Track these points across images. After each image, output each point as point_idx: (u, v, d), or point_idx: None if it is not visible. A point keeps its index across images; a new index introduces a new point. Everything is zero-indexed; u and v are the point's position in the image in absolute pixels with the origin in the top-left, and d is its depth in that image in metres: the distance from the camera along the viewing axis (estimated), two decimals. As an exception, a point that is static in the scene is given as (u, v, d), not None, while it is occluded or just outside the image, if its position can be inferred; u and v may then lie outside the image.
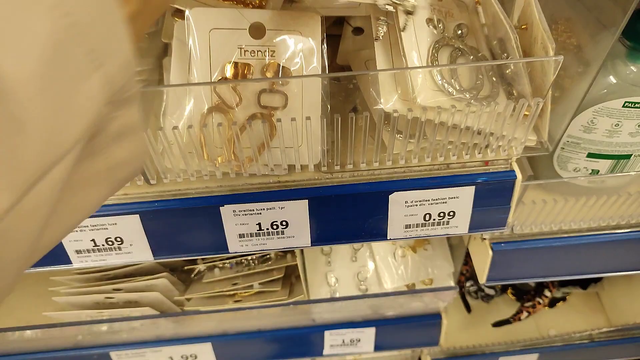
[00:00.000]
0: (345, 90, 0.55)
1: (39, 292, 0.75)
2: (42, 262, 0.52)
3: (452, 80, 0.46)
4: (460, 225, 0.53)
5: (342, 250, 0.79)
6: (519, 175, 0.50)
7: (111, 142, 0.23)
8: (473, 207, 0.52)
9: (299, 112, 0.46)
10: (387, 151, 0.48)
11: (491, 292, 1.00)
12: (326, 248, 0.80)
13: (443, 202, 0.51)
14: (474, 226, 0.54)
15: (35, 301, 0.76)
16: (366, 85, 0.53)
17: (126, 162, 0.24)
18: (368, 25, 0.62)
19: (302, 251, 0.77)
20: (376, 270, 0.76)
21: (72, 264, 0.52)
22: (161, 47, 0.56)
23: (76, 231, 0.50)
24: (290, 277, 0.78)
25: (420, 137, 0.47)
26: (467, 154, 0.50)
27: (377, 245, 0.77)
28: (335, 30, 0.62)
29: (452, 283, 0.80)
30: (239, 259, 0.76)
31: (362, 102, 0.53)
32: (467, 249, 0.70)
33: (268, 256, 0.76)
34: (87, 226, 0.49)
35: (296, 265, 0.74)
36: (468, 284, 0.98)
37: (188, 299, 0.73)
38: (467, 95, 0.46)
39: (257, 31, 0.45)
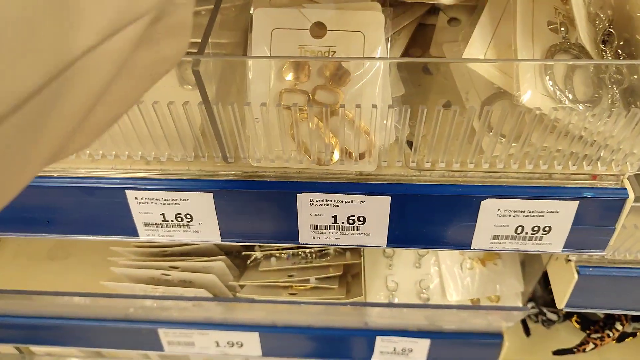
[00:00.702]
0: (439, 85, 0.51)
1: (97, 261, 0.75)
2: (109, 231, 0.51)
3: (566, 89, 0.41)
4: (554, 242, 0.48)
5: (405, 255, 0.75)
6: (631, 195, 0.45)
7: (165, 35, 0.23)
8: (573, 224, 0.47)
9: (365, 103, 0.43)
10: (485, 153, 0.44)
11: (553, 317, 0.93)
12: (389, 250, 0.76)
13: (540, 215, 0.46)
14: (570, 245, 0.48)
15: (92, 269, 0.76)
16: (461, 78, 0.49)
17: (169, 59, 0.24)
18: (465, 15, 0.57)
19: (363, 249, 0.73)
20: (440, 279, 0.71)
21: (138, 236, 0.51)
22: (248, 20, 0.54)
23: (147, 203, 0.48)
24: (347, 276, 0.75)
25: (527, 141, 0.42)
26: (574, 165, 0.44)
27: (443, 254, 0.73)
28: (430, 19, 0.58)
29: (519, 303, 0.74)
30: (296, 250, 0.73)
31: (456, 97, 0.49)
32: (546, 268, 0.64)
33: (326, 251, 0.73)
34: (159, 199, 0.48)
35: (353, 264, 0.71)
36: (529, 305, 0.92)
37: (242, 286, 0.71)
38: (581, 107, 0.41)
39: (318, 31, 0.43)
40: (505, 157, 0.44)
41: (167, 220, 0.49)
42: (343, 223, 0.48)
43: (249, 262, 0.75)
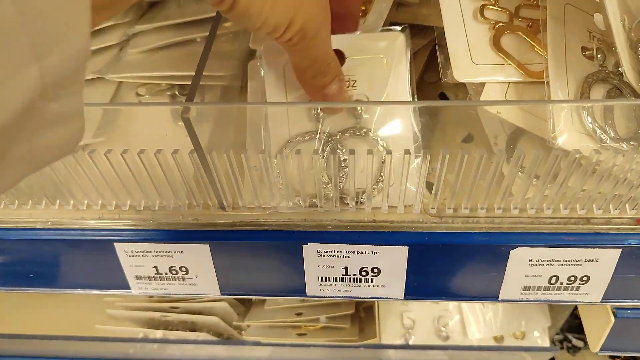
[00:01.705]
0: (460, 114, 0.46)
1: (94, 300, 0.71)
2: (98, 285, 0.47)
3: (606, 125, 0.36)
4: (592, 292, 0.43)
5: (421, 288, 0.70)
6: (681, 241, 0.39)
7: (40, 129, 0.21)
8: (614, 274, 0.41)
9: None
10: (515, 197, 0.39)
11: (579, 343, 0.88)
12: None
13: (577, 265, 0.41)
14: (610, 296, 0.43)
15: (90, 305, 0.72)
16: (484, 112, 0.44)
17: (53, 148, 0.23)
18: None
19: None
20: (461, 316, 0.66)
21: (130, 290, 0.46)
22: (246, 51, 0.49)
23: (137, 256, 0.44)
24: (359, 310, 0.70)
25: (563, 184, 0.37)
26: (616, 209, 0.39)
27: (463, 288, 0.67)
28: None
29: (546, 339, 0.69)
30: (305, 285, 0.68)
31: (481, 129, 0.44)
32: (576, 308, 0.59)
33: (337, 286, 0.68)
34: (151, 252, 0.43)
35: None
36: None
37: (247, 325, 0.67)
38: (625, 146, 0.35)
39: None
40: (539, 201, 0.39)
41: (161, 274, 0.45)
42: (355, 275, 0.43)
43: (254, 298, 0.70)
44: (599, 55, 0.38)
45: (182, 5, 0.54)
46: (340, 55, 0.40)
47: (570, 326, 0.80)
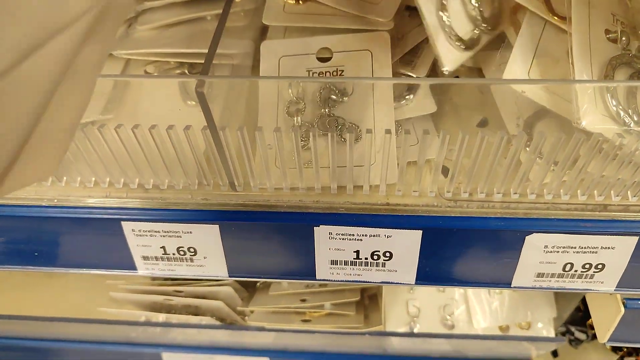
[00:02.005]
0: (475, 97, 0.45)
1: (97, 280, 0.70)
2: (103, 265, 0.46)
3: (629, 109, 0.35)
4: (606, 281, 0.42)
5: (427, 277, 0.69)
6: (700, 230, 0.39)
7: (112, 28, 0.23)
8: (630, 262, 0.41)
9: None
10: (532, 182, 0.38)
11: (582, 336, 0.87)
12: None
13: (593, 252, 0.40)
14: (624, 284, 0.43)
15: (92, 288, 0.71)
16: (501, 95, 0.43)
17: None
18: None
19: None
20: (467, 305, 0.66)
21: (137, 270, 0.45)
22: (259, 28, 0.48)
23: (145, 235, 0.43)
24: (364, 297, 0.70)
25: (583, 169, 0.36)
26: (634, 196, 0.39)
27: (470, 277, 0.67)
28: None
29: (552, 330, 0.68)
30: (310, 271, 0.68)
31: (495, 114, 0.43)
32: (585, 297, 0.59)
33: (342, 273, 0.67)
34: (159, 231, 0.42)
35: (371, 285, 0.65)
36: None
37: (251, 311, 0.66)
38: (652, 127, 0.35)
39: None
40: (556, 187, 0.38)
41: (168, 254, 0.44)
42: (367, 259, 0.42)
43: (258, 283, 0.69)
44: (623, 38, 0.38)
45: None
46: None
47: (573, 319, 0.80)
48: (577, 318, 0.79)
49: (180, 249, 0.43)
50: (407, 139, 0.35)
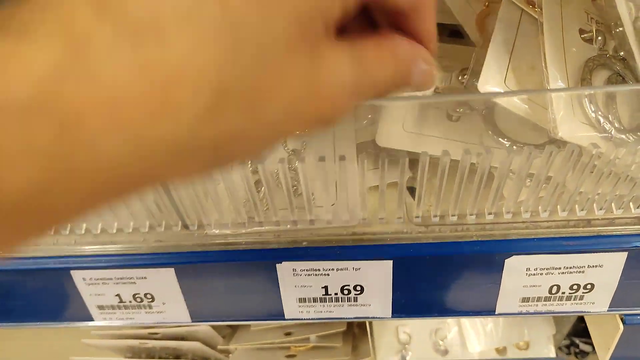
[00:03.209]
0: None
1: (67, 331, 0.67)
2: (58, 317, 0.43)
3: (609, 115, 0.33)
4: (598, 301, 0.39)
5: (416, 300, 0.66)
6: (694, 240, 0.35)
7: None
8: (621, 279, 0.38)
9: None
10: (507, 200, 0.35)
11: (587, 348, 0.84)
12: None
13: (579, 272, 0.37)
14: (618, 303, 0.39)
15: (62, 341, 0.68)
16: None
17: None
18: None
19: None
20: (459, 328, 0.62)
21: (94, 320, 0.42)
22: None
23: (97, 284, 0.40)
24: (353, 326, 0.66)
25: (560, 184, 0.33)
26: (619, 208, 0.35)
27: (461, 298, 0.63)
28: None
29: (552, 348, 0.65)
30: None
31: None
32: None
33: (327, 301, 0.64)
34: (111, 279, 0.39)
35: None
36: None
37: (235, 348, 0.62)
38: (632, 138, 0.32)
39: None
40: (533, 204, 0.35)
41: (125, 302, 0.41)
42: (337, 294, 0.39)
43: (240, 319, 0.66)
44: (599, 38, 0.35)
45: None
46: None
47: (577, 330, 0.76)
48: (581, 329, 0.75)
49: (136, 296, 0.40)
50: (366, 164, 0.32)
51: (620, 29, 0.34)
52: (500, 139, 0.35)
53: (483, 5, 0.45)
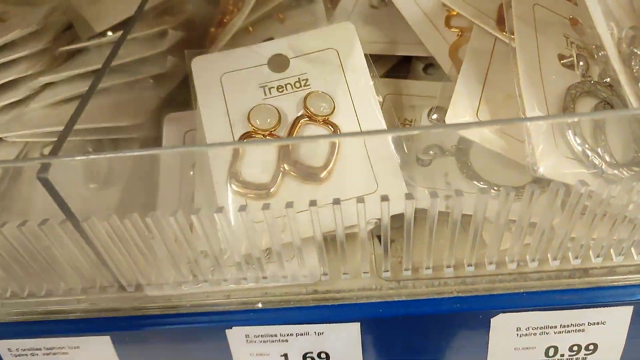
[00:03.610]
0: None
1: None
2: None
3: (599, 148, 0.28)
4: (604, 363, 0.33)
5: None
6: None
7: None
8: (628, 337, 0.32)
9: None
10: (489, 247, 0.30)
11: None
12: None
13: (579, 330, 0.32)
14: (628, 365, 0.34)
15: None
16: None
17: None
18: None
19: None
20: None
21: (23, 398, 0.37)
22: (162, 99, 0.43)
23: (25, 355, 0.35)
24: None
25: (548, 230, 0.28)
26: (620, 255, 0.31)
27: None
28: (402, 68, 0.47)
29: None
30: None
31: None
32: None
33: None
34: (40, 349, 0.34)
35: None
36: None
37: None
38: (626, 173, 0.28)
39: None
40: (519, 252, 0.30)
41: (57, 376, 0.35)
42: (298, 363, 0.33)
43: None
44: (581, 63, 0.31)
45: (104, 51, 0.47)
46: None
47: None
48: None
49: (69, 369, 0.35)
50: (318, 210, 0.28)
51: (604, 52, 0.30)
52: (475, 182, 0.31)
53: (456, 35, 0.41)
